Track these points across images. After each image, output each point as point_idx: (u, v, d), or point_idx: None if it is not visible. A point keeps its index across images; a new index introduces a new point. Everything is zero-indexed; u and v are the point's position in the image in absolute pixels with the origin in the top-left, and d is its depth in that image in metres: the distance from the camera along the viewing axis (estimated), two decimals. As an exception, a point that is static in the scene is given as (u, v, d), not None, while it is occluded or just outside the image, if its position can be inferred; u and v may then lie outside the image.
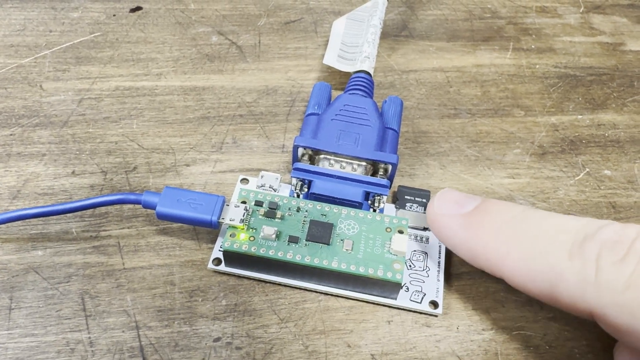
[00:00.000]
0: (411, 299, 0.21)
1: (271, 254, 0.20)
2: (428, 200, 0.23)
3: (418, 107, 0.29)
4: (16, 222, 0.23)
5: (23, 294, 0.21)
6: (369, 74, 0.27)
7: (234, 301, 0.21)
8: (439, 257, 0.22)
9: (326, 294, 0.21)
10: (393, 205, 0.24)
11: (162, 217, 0.21)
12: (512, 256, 0.18)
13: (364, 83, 0.26)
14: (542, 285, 0.17)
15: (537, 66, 0.32)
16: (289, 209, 0.22)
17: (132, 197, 0.21)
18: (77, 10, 0.33)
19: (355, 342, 0.20)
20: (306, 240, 0.21)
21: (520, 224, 0.18)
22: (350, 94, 0.26)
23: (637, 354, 0.18)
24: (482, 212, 0.19)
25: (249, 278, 0.22)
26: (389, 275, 0.20)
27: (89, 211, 0.23)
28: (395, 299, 0.21)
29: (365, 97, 0.26)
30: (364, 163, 0.23)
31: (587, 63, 0.32)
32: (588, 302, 0.16)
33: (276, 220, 0.21)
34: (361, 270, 0.20)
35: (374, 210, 0.23)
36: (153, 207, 0.21)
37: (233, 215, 0.21)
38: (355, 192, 0.23)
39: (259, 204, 0.22)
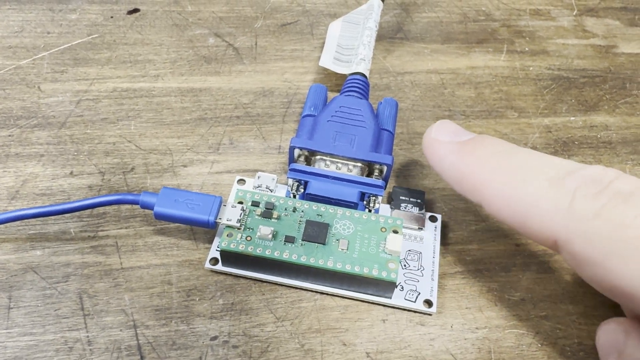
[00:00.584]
0: (406, 298, 0.21)
1: (267, 253, 0.20)
2: (423, 201, 0.24)
3: (413, 109, 0.29)
4: (15, 222, 0.23)
5: (22, 293, 0.21)
6: (364, 76, 0.27)
7: (231, 300, 0.21)
8: (433, 257, 0.23)
9: (322, 293, 0.22)
10: (388, 206, 0.24)
11: (160, 217, 0.21)
12: (495, 183, 0.18)
13: (360, 85, 0.27)
14: (517, 211, 0.18)
15: (531, 68, 0.32)
16: (285, 209, 0.22)
17: (130, 197, 0.22)
18: (75, 12, 0.33)
19: (351, 341, 0.21)
20: (302, 240, 0.21)
21: (509, 155, 0.19)
22: (345, 95, 0.26)
23: (618, 336, 0.18)
24: (474, 142, 0.20)
25: (245, 277, 0.22)
26: (383, 275, 0.20)
27: (87, 211, 0.23)
28: (390, 298, 0.21)
29: (361, 98, 0.26)
30: (359, 164, 0.24)
31: (580, 65, 0.33)
32: (556, 229, 0.17)
33: (272, 220, 0.22)
34: (356, 270, 0.20)
35: (369, 211, 0.23)
36: (151, 208, 0.21)
37: (230, 215, 0.21)
38: (350, 193, 0.23)
39: (255, 204, 0.22)
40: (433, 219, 0.24)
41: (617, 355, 0.18)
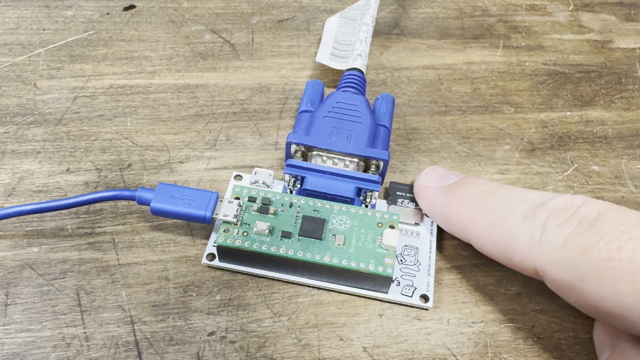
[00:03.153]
0: (402, 293, 0.21)
1: (264, 249, 0.21)
2: (419, 196, 0.24)
3: (409, 104, 0.29)
4: (11, 219, 0.23)
5: (19, 290, 0.21)
6: (361, 71, 0.27)
7: (228, 296, 0.21)
8: (430, 252, 0.23)
9: (319, 288, 0.22)
10: (385, 201, 0.24)
11: (157, 212, 0.21)
12: (479, 222, 0.20)
13: (356, 81, 0.27)
14: (500, 247, 0.19)
15: (527, 63, 0.32)
16: (282, 204, 0.22)
17: (127, 193, 0.22)
18: (71, 9, 0.33)
19: (348, 335, 0.21)
20: (299, 235, 0.21)
21: (489, 195, 0.20)
22: (342, 91, 0.26)
23: (612, 332, 0.19)
24: (459, 185, 0.21)
25: (242, 273, 0.22)
26: (380, 270, 0.20)
27: (84, 208, 0.23)
28: (387, 293, 0.21)
29: (358, 94, 0.26)
30: (355, 159, 0.24)
31: (576, 60, 0.33)
32: (534, 260, 0.18)
33: (269, 215, 0.22)
34: (353, 265, 0.20)
35: (366, 206, 0.23)
36: (147, 203, 0.21)
37: (227, 210, 0.21)
38: (347, 188, 0.23)
39: (252, 199, 0.22)
40: (429, 214, 0.24)
41: (612, 350, 0.19)
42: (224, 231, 0.21)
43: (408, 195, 0.24)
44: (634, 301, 0.15)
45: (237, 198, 0.22)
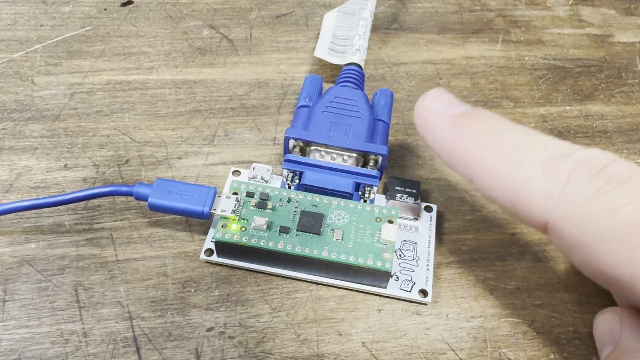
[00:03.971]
0: (401, 287, 0.21)
1: (262, 244, 0.20)
2: (418, 191, 0.24)
3: (408, 99, 0.29)
4: (9, 216, 0.23)
5: (17, 286, 0.21)
6: (359, 66, 0.27)
7: (227, 291, 0.21)
8: (429, 247, 0.23)
9: (317, 283, 0.22)
10: (383, 196, 0.24)
11: (154, 208, 0.21)
12: (488, 161, 0.18)
13: (355, 75, 0.27)
14: (508, 191, 0.17)
15: (526, 58, 0.32)
16: (280, 199, 0.22)
17: (125, 188, 0.22)
18: (68, 5, 0.33)
19: (347, 331, 0.21)
20: (297, 230, 0.21)
21: (504, 133, 0.18)
22: (341, 86, 0.26)
23: (613, 327, 0.19)
24: (469, 116, 0.19)
25: (241, 268, 0.22)
26: (378, 264, 0.20)
27: (82, 204, 0.23)
28: (385, 287, 0.21)
29: (356, 89, 0.26)
30: (354, 154, 0.24)
31: (575, 55, 0.32)
32: (547, 213, 0.16)
33: (267, 211, 0.21)
34: (351, 260, 0.20)
35: (365, 201, 0.23)
36: (145, 199, 0.21)
37: (224, 206, 0.21)
38: (345, 183, 0.23)
39: (250, 195, 0.22)
40: (428, 209, 0.24)
41: (613, 346, 0.18)
42: (222, 226, 0.21)
43: (407, 190, 0.24)
44: None
45: (235, 193, 0.22)
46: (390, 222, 0.21)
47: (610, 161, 0.16)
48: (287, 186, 0.23)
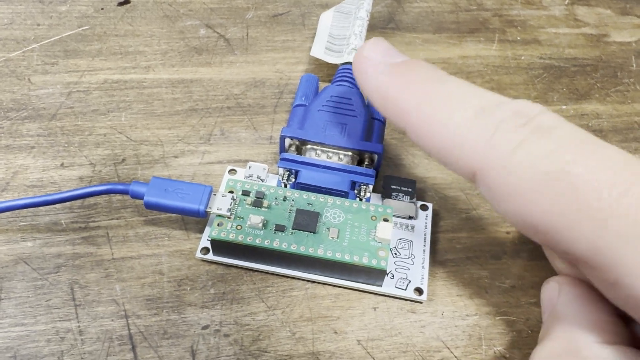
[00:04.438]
0: (396, 286, 0.21)
1: (258, 242, 0.20)
2: (414, 190, 0.24)
3: (404, 99, 0.29)
4: (5, 214, 0.23)
5: (12, 284, 0.21)
6: (355, 65, 0.27)
7: (222, 290, 0.21)
8: (424, 245, 0.23)
9: (313, 282, 0.22)
10: (379, 195, 0.24)
11: (150, 206, 0.21)
12: (421, 110, 0.18)
13: (351, 75, 0.27)
14: (440, 141, 0.17)
15: (522, 57, 0.32)
16: (276, 198, 0.22)
17: (120, 187, 0.22)
18: (65, 4, 0.33)
19: (342, 329, 0.21)
20: (292, 228, 0.21)
21: (439, 83, 0.18)
22: (337, 85, 0.26)
23: (553, 294, 0.18)
24: (406, 65, 0.19)
25: (237, 267, 0.22)
26: (373, 263, 0.20)
27: (78, 202, 0.23)
28: (381, 286, 0.21)
29: (352, 88, 0.26)
30: (350, 153, 0.24)
31: (571, 54, 0.33)
32: (475, 161, 0.17)
33: (263, 209, 0.22)
34: (347, 258, 0.20)
35: (360, 200, 0.23)
36: (141, 197, 0.21)
37: (220, 204, 0.21)
38: (341, 182, 0.23)
39: (246, 193, 0.22)
40: (424, 208, 0.24)
41: (551, 312, 0.18)
42: (217, 225, 0.21)
43: (402, 189, 0.24)
44: (569, 219, 0.15)
45: (231, 192, 0.22)
46: (386, 220, 0.22)
47: (538, 112, 0.16)
48: (283, 185, 0.23)
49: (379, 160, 0.24)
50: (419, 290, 0.21)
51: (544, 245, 0.19)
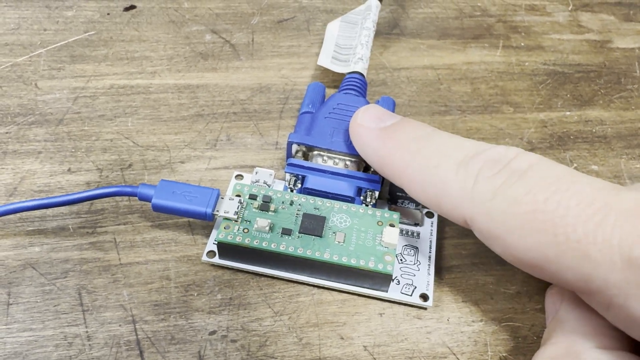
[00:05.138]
0: (402, 291, 0.21)
1: (264, 245, 0.21)
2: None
3: (409, 104, 0.29)
4: (13, 219, 0.23)
5: (21, 289, 0.21)
6: (362, 75, 0.27)
7: (229, 295, 0.21)
8: (430, 252, 0.23)
9: (319, 287, 0.22)
10: (385, 201, 0.24)
11: (158, 209, 0.22)
12: (412, 167, 0.20)
13: (357, 83, 0.27)
14: (431, 194, 0.19)
15: (526, 63, 0.32)
16: (283, 202, 0.22)
17: (128, 189, 0.22)
18: (72, 9, 0.33)
19: (348, 334, 0.21)
20: (299, 232, 0.21)
21: (425, 140, 0.20)
22: (344, 93, 0.26)
23: (557, 299, 0.19)
24: (396, 127, 0.21)
25: (243, 271, 0.22)
26: (379, 267, 0.20)
27: (85, 208, 0.24)
28: (387, 291, 0.21)
29: (358, 96, 0.26)
30: (356, 159, 0.24)
31: (575, 60, 0.33)
32: (464, 209, 0.18)
33: (270, 213, 0.22)
34: (352, 262, 0.20)
35: (366, 206, 0.23)
36: (149, 200, 0.22)
37: (227, 207, 0.21)
38: (347, 187, 0.23)
39: (253, 197, 0.22)
40: (429, 215, 0.24)
41: (553, 317, 0.19)
42: (224, 228, 0.21)
43: (408, 195, 0.24)
44: (553, 253, 0.16)
45: (238, 195, 0.22)
46: (392, 225, 0.22)
47: (514, 156, 0.18)
48: (289, 190, 0.23)
49: (384, 166, 0.24)
50: (424, 297, 0.21)
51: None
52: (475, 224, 0.18)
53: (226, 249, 0.21)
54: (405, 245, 0.23)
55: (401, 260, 0.22)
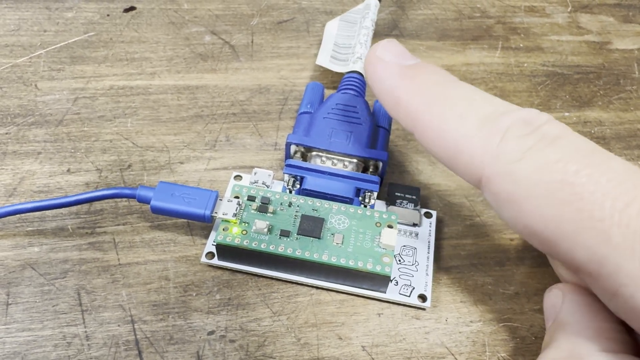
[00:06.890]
0: (400, 292, 0.22)
1: (263, 247, 0.21)
2: (418, 197, 0.24)
3: (408, 105, 0.29)
4: (13, 219, 0.23)
5: (20, 289, 0.21)
6: (361, 74, 0.28)
7: (228, 295, 0.21)
8: (428, 252, 0.23)
9: (318, 288, 0.22)
10: (383, 202, 0.24)
11: (157, 211, 0.22)
12: (430, 113, 0.18)
13: (356, 83, 0.27)
14: (448, 146, 0.18)
15: (525, 65, 0.32)
16: (281, 204, 0.22)
17: (127, 191, 0.22)
18: (71, 10, 0.33)
19: (347, 335, 0.21)
20: (297, 234, 0.21)
21: (449, 87, 0.19)
22: (342, 93, 0.26)
23: (557, 301, 0.18)
24: (419, 68, 0.19)
25: (242, 272, 0.22)
26: (378, 269, 0.20)
27: (85, 208, 0.24)
28: (385, 292, 0.21)
29: (357, 96, 0.26)
30: (355, 160, 0.24)
31: (574, 61, 0.33)
32: (482, 167, 0.17)
33: (268, 214, 0.22)
34: (351, 264, 0.20)
35: (365, 207, 0.23)
36: (147, 202, 0.22)
37: (226, 209, 0.21)
38: (346, 188, 0.23)
39: (251, 198, 0.22)
40: (428, 215, 0.24)
41: (553, 319, 0.18)
42: (223, 229, 0.21)
43: (407, 196, 0.24)
44: (572, 229, 0.15)
45: (237, 197, 0.22)
46: (390, 226, 0.22)
47: (545, 120, 0.17)
48: (288, 191, 0.23)
49: (383, 168, 0.24)
50: (422, 297, 0.22)
51: (547, 254, 0.19)
52: (493, 184, 0.17)
53: (225, 251, 0.21)
54: (404, 246, 0.23)
55: (399, 260, 0.22)
